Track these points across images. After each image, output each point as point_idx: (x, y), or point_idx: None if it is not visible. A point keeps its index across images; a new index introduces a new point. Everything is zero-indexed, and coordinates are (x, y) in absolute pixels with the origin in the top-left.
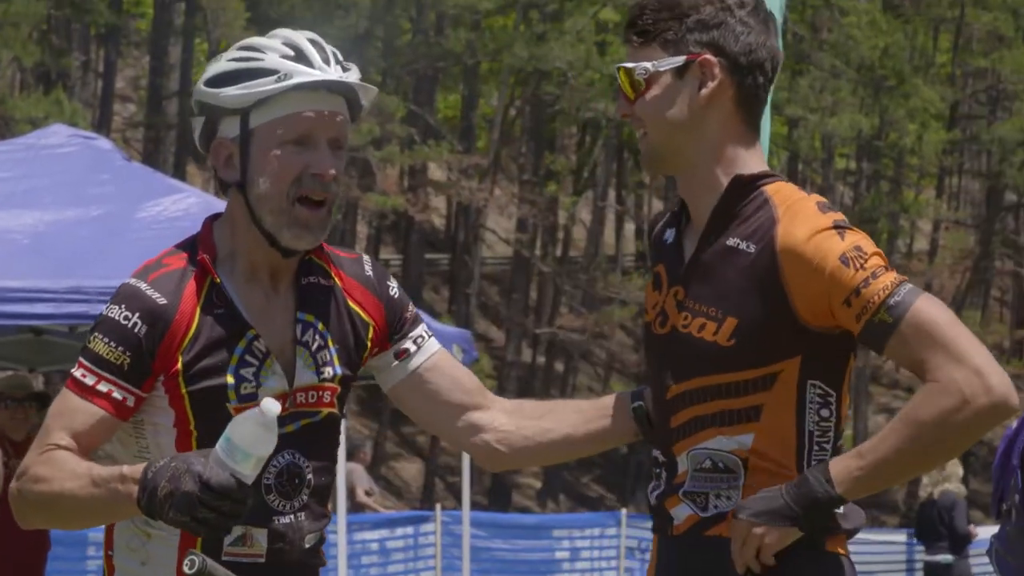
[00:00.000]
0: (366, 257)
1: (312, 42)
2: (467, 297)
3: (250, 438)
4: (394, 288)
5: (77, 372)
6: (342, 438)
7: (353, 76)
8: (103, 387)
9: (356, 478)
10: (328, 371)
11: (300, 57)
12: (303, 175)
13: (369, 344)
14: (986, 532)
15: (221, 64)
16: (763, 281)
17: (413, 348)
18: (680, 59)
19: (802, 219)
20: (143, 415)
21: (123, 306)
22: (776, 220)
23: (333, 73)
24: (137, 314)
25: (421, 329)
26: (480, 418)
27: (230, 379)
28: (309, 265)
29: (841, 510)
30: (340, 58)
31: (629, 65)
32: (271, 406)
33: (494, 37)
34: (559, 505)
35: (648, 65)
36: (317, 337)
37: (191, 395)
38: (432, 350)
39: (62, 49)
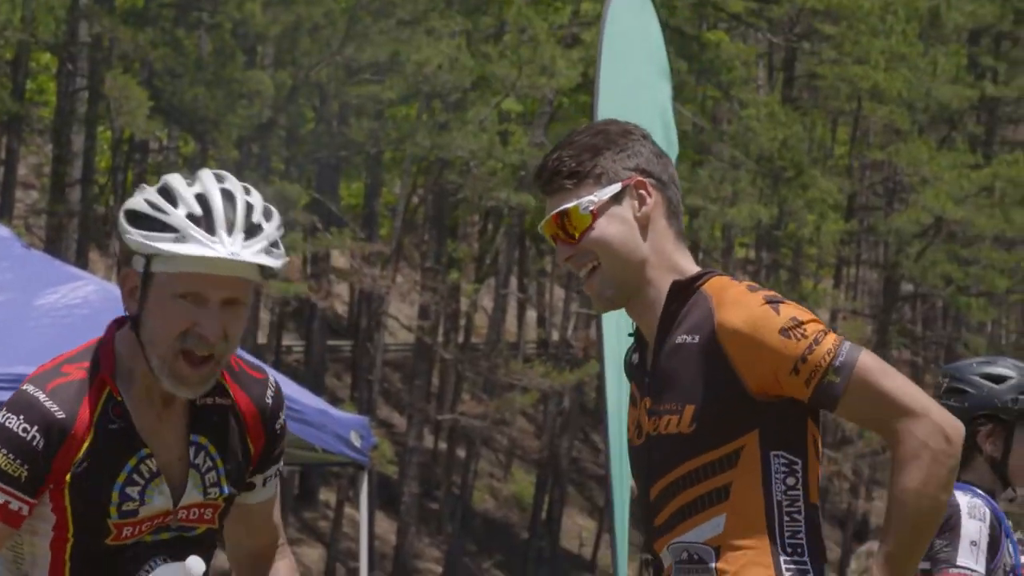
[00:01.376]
0: (271, 381)
1: (227, 198)
2: (369, 383)
3: None
4: (280, 423)
5: None
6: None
7: (253, 248)
8: (0, 499)
9: None
10: (215, 491)
11: (205, 220)
12: (189, 332)
13: (251, 466)
14: None
15: (139, 200)
16: (710, 365)
17: (259, 485)
18: (617, 186)
19: (734, 303)
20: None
21: (21, 417)
22: (712, 310)
23: (226, 248)
24: (36, 427)
25: (274, 469)
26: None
27: (115, 496)
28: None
29: None
30: (254, 217)
31: (571, 204)
32: (196, 568)
33: (397, 126)
34: None
35: (592, 198)
36: (207, 459)
37: (74, 506)
38: (267, 495)
39: None
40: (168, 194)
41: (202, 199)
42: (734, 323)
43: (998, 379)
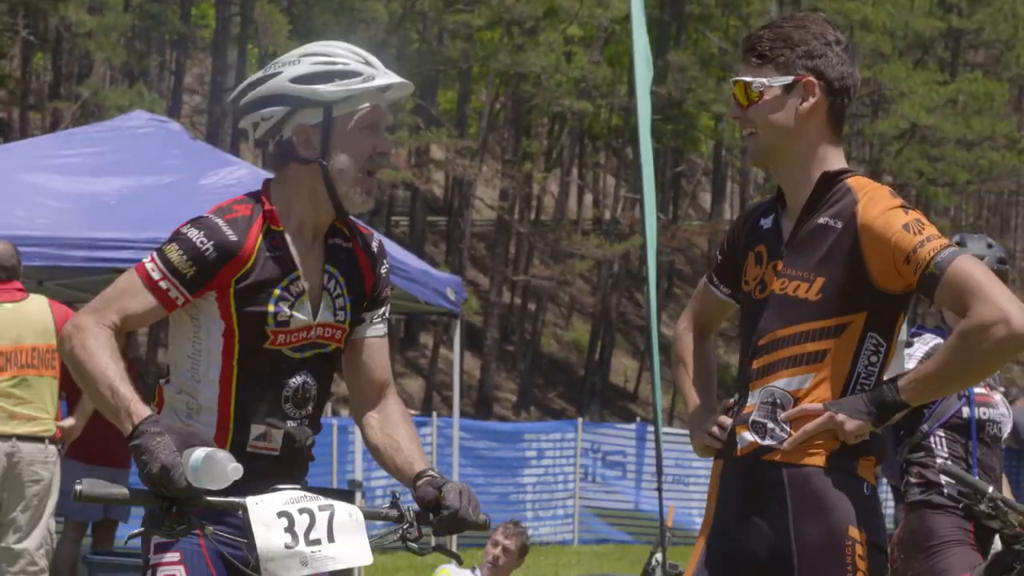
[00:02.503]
0: (376, 235)
1: (356, 50)
2: (460, 251)
3: (208, 478)
4: (384, 268)
5: (148, 264)
6: None
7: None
8: (164, 284)
9: None
10: (341, 315)
11: (369, 63)
12: (373, 154)
13: (365, 299)
14: None
15: (303, 67)
16: (846, 249)
17: (367, 320)
18: (789, 79)
19: (877, 200)
20: (200, 320)
21: (202, 233)
22: (856, 201)
23: (395, 77)
24: (212, 242)
25: (382, 311)
26: (365, 406)
27: (271, 307)
28: (334, 228)
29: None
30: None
31: (748, 79)
32: (235, 473)
33: (483, 47)
34: (530, 415)
35: (764, 80)
36: (337, 286)
37: (239, 313)
38: (376, 332)
39: (143, 52)
40: (328, 55)
41: (351, 51)
42: (872, 216)
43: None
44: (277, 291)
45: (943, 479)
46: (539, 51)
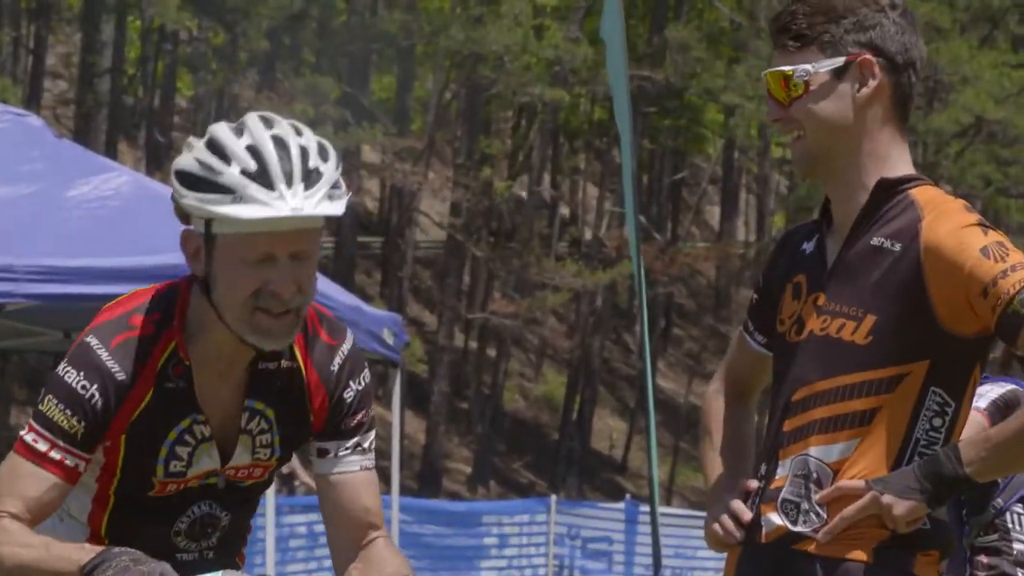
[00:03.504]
0: (344, 349)
1: (280, 146)
2: (400, 280)
3: None
4: (351, 392)
5: (28, 436)
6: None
7: (315, 198)
8: (56, 454)
9: (296, 463)
10: (265, 453)
11: (261, 175)
12: (262, 291)
13: (311, 433)
14: None
15: (189, 160)
16: (905, 278)
17: (331, 452)
18: (840, 60)
19: (947, 216)
20: None
21: (81, 375)
22: (921, 218)
23: (288, 203)
24: (95, 386)
25: (354, 442)
26: (343, 558)
27: (163, 453)
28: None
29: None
30: (310, 162)
31: (787, 68)
32: None
33: (430, 19)
34: (489, 491)
35: (808, 67)
36: (262, 423)
37: (126, 456)
38: (348, 467)
39: None
40: (218, 149)
41: (254, 151)
42: (939, 237)
43: None
44: (174, 434)
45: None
46: (500, 25)
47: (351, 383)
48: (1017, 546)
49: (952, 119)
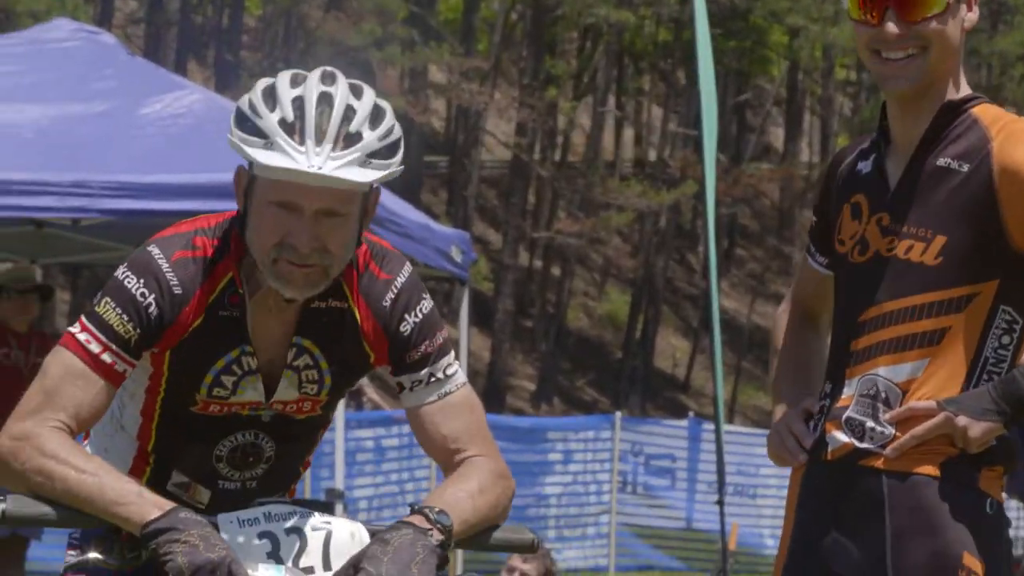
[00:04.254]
0: (398, 282)
1: (325, 102)
2: (465, 199)
3: None
4: (407, 325)
5: (81, 336)
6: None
7: (342, 160)
8: (107, 357)
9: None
10: (312, 388)
11: (297, 126)
12: (283, 241)
13: (372, 367)
14: None
15: (245, 98)
16: (975, 199)
17: (407, 388)
18: None
19: (1018, 137)
20: None
21: (141, 282)
22: (989, 139)
23: (308, 159)
24: (153, 295)
25: (424, 373)
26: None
27: (208, 379)
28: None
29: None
30: (352, 125)
31: None
32: None
33: None
34: (553, 408)
35: None
36: (309, 359)
37: (171, 371)
38: (426, 398)
39: None
40: (270, 95)
41: (298, 103)
42: (1015, 158)
43: None
44: (222, 362)
45: None
46: None
47: (406, 316)
48: None
49: (1017, 41)
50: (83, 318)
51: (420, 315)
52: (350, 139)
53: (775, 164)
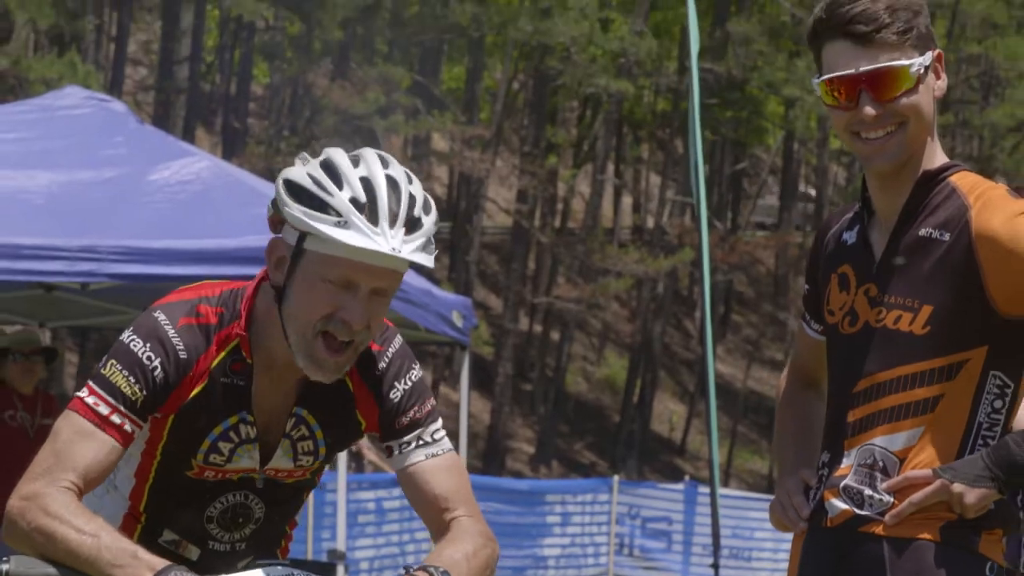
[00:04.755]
0: (390, 352)
1: (392, 187)
2: (467, 265)
3: None
4: (397, 392)
5: (89, 399)
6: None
7: (413, 244)
8: (116, 418)
9: (363, 441)
10: (307, 460)
11: (369, 208)
12: (333, 315)
13: (362, 435)
14: None
15: (300, 173)
16: (957, 268)
17: (396, 452)
18: (930, 54)
19: (995, 204)
20: None
21: (147, 346)
22: (968, 207)
23: (388, 242)
24: (159, 359)
25: (413, 436)
26: (436, 538)
27: (206, 444)
28: None
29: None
30: (415, 210)
31: (902, 63)
32: None
33: (499, 11)
34: (551, 470)
35: (920, 60)
36: (305, 430)
37: (169, 435)
38: (415, 459)
39: (76, 12)
40: (332, 172)
41: (367, 184)
42: (993, 226)
43: None
44: (220, 428)
45: None
46: (568, 17)
47: (396, 384)
48: None
49: (1008, 114)
50: (90, 382)
51: (410, 383)
52: (415, 224)
53: (771, 232)
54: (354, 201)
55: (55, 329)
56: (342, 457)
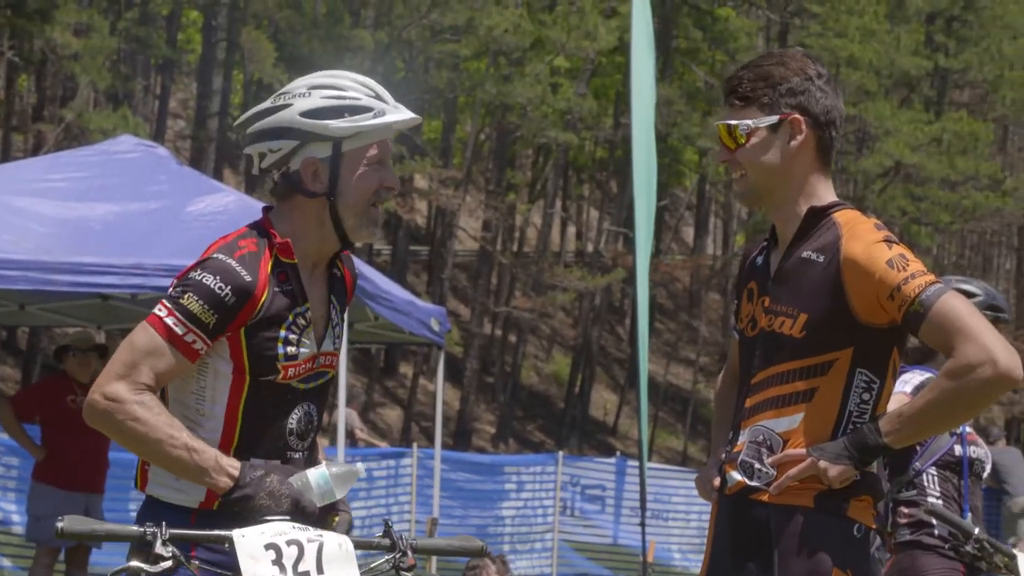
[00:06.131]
0: (352, 257)
1: (367, 80)
2: (442, 281)
3: (343, 488)
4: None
5: (168, 319)
6: (343, 388)
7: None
8: (190, 338)
9: (353, 420)
10: (339, 342)
11: (380, 98)
12: (379, 188)
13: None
14: None
15: (313, 100)
16: (828, 284)
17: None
18: (775, 118)
19: (860, 235)
20: (207, 360)
21: (217, 277)
22: (840, 236)
23: (404, 112)
24: (229, 287)
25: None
26: None
27: (280, 342)
28: (334, 258)
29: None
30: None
31: (733, 122)
32: (361, 470)
33: (470, 76)
34: (508, 447)
35: (750, 122)
36: (337, 315)
37: (250, 352)
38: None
39: (128, 75)
40: (338, 88)
41: (362, 83)
42: (855, 252)
43: (968, 296)
44: (285, 325)
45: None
46: (525, 82)
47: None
48: (931, 500)
49: (877, 163)
50: (167, 304)
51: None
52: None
53: (687, 256)
54: (370, 96)
55: (109, 331)
56: (340, 434)
